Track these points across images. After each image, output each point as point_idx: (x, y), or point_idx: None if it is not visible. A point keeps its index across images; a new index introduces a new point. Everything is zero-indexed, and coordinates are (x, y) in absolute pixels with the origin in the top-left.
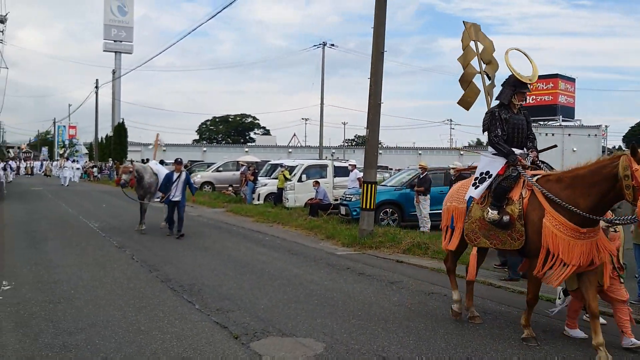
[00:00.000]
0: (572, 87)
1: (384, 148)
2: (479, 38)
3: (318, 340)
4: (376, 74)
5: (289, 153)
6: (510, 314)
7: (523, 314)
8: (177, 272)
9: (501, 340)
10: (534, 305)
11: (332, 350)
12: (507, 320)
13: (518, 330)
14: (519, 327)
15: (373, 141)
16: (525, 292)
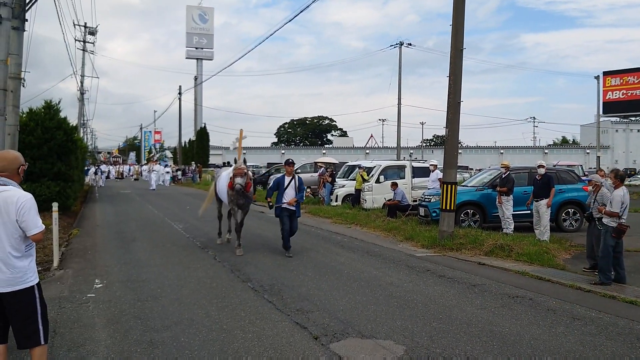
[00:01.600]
0: None
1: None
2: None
3: (398, 343)
4: (455, 72)
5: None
6: (601, 320)
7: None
8: (258, 272)
9: (591, 347)
10: None
11: (412, 353)
12: (598, 327)
13: (610, 337)
14: (610, 334)
15: (453, 141)
16: (617, 296)
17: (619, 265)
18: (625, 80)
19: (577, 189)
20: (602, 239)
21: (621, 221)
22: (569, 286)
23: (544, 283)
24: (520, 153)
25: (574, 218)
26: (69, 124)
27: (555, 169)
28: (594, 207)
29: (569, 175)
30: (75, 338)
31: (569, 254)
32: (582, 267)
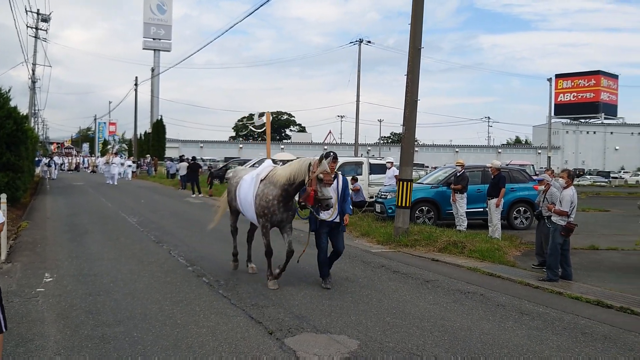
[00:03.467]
0: (614, 84)
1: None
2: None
3: (352, 338)
4: (413, 70)
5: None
6: (548, 315)
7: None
8: (214, 267)
9: (538, 342)
10: None
11: (366, 348)
12: (544, 322)
13: (556, 332)
14: (556, 329)
15: (409, 138)
16: (564, 292)
17: (566, 263)
18: (576, 83)
19: (528, 188)
20: (551, 236)
21: (570, 220)
22: (518, 282)
23: (495, 279)
24: (475, 152)
25: (525, 216)
26: (19, 113)
27: (507, 168)
28: (543, 206)
29: (520, 175)
30: (23, 333)
31: (519, 251)
32: (531, 264)
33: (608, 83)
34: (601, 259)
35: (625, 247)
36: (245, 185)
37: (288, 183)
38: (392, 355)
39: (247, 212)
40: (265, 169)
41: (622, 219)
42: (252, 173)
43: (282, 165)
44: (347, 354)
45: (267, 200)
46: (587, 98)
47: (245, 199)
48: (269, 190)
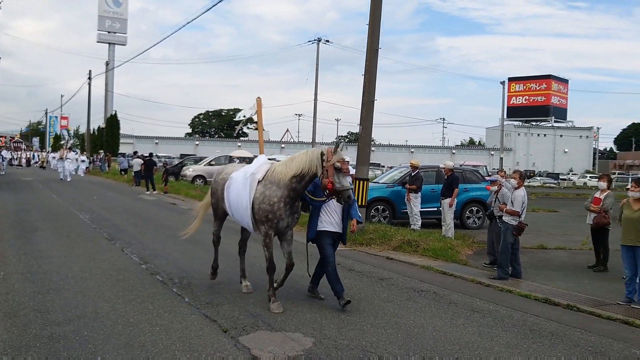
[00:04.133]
0: (565, 89)
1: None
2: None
3: (307, 335)
4: (370, 71)
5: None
6: (499, 312)
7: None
8: (168, 265)
9: (489, 338)
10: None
11: (320, 346)
12: (495, 319)
13: (506, 329)
14: (506, 326)
15: (366, 138)
16: (513, 290)
17: (516, 261)
18: (528, 86)
19: (480, 189)
20: (502, 236)
21: (521, 219)
22: (470, 280)
23: (448, 277)
24: (430, 152)
25: (477, 216)
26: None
27: (461, 168)
28: (495, 206)
29: (473, 175)
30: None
31: (471, 250)
32: (483, 262)
33: (558, 87)
34: (549, 258)
35: (572, 247)
36: (236, 185)
37: (297, 180)
38: (347, 352)
39: (240, 217)
40: (261, 166)
41: (570, 220)
42: (244, 171)
43: (279, 161)
44: (302, 352)
45: (271, 204)
46: (539, 101)
47: (237, 202)
48: (272, 192)
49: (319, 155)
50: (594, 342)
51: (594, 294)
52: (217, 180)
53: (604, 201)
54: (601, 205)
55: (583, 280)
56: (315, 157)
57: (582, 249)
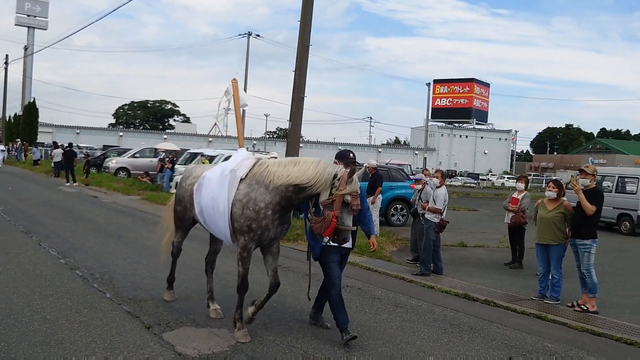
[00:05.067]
0: (486, 92)
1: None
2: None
3: (232, 331)
4: (301, 67)
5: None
6: (421, 307)
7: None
8: (88, 259)
9: (411, 332)
10: None
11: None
12: (417, 314)
13: (427, 323)
14: (428, 320)
15: (295, 134)
16: (435, 286)
17: (437, 258)
18: (452, 89)
19: (405, 187)
20: (425, 233)
21: (442, 217)
22: (393, 276)
23: (372, 273)
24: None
25: (401, 213)
26: None
27: (387, 167)
28: (418, 204)
29: (399, 174)
30: None
31: (395, 247)
32: (406, 259)
33: (480, 91)
34: (469, 255)
35: (490, 245)
36: (210, 186)
37: (294, 189)
38: (272, 348)
39: (214, 225)
40: (243, 162)
41: (489, 218)
42: (219, 168)
43: (274, 159)
44: (227, 348)
45: (256, 210)
46: (462, 104)
47: (211, 206)
48: (258, 195)
49: (331, 175)
50: (509, 335)
51: (509, 289)
52: (184, 187)
53: (522, 201)
54: (519, 205)
55: (500, 276)
56: (326, 175)
57: (500, 247)
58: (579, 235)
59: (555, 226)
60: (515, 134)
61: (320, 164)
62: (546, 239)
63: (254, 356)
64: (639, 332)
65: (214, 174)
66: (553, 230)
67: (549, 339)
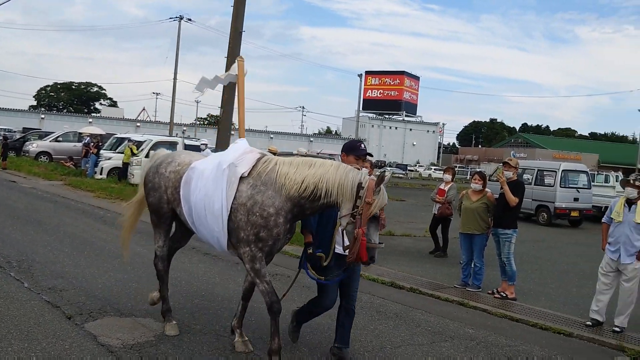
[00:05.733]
0: (416, 85)
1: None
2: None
3: (158, 321)
4: (233, 53)
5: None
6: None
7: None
8: (5, 247)
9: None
10: None
11: None
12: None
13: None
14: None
15: (226, 122)
16: (362, 274)
17: None
18: (383, 81)
19: None
20: None
21: None
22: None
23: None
24: (289, 139)
25: None
26: None
27: (318, 156)
28: None
29: None
30: None
31: None
32: None
33: (410, 83)
34: (396, 244)
35: (417, 234)
36: (202, 181)
37: (308, 198)
38: (200, 337)
39: (205, 229)
40: (244, 156)
41: (416, 208)
42: (213, 160)
43: (280, 157)
44: (153, 337)
45: (264, 215)
46: (392, 96)
47: (203, 206)
48: (266, 198)
49: (355, 184)
50: (433, 322)
51: (434, 277)
52: (163, 173)
53: (448, 193)
54: (445, 197)
55: (425, 265)
56: (350, 184)
57: (426, 236)
58: (500, 225)
59: (478, 216)
60: (443, 127)
61: (341, 169)
62: (470, 228)
63: (181, 345)
64: (553, 317)
65: (207, 166)
66: (477, 220)
67: (470, 325)
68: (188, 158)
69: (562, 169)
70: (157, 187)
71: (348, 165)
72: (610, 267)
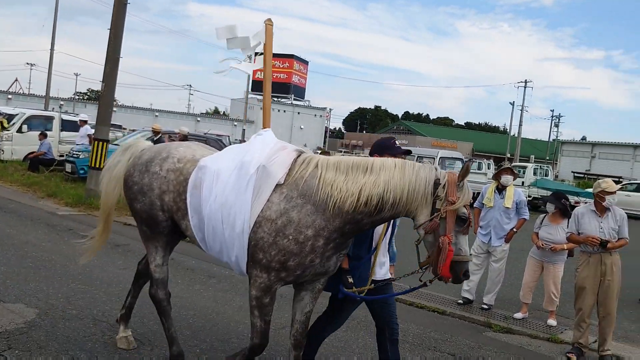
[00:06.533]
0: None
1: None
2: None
3: (30, 306)
4: (117, 25)
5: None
6: (234, 277)
7: None
8: None
9: (223, 303)
10: None
11: (45, 317)
12: (230, 284)
13: (239, 293)
14: (240, 290)
15: (108, 97)
16: None
17: None
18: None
19: None
20: None
21: None
22: None
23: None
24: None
25: None
26: None
27: (205, 137)
28: None
29: (217, 144)
30: None
31: None
32: None
33: (299, 67)
34: None
35: None
36: (219, 185)
37: (367, 212)
38: (75, 322)
39: (219, 246)
40: (277, 155)
41: None
42: (231, 156)
43: (330, 156)
44: (23, 324)
45: (299, 240)
46: (281, 79)
47: (220, 217)
48: (303, 216)
49: (430, 183)
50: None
51: None
52: (158, 172)
53: None
54: None
55: None
56: (422, 184)
57: None
58: None
59: None
60: (330, 112)
61: (408, 168)
62: None
63: (54, 332)
64: (428, 297)
65: (222, 165)
66: None
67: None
68: (189, 152)
69: (440, 156)
70: (147, 189)
71: (415, 163)
72: (481, 249)
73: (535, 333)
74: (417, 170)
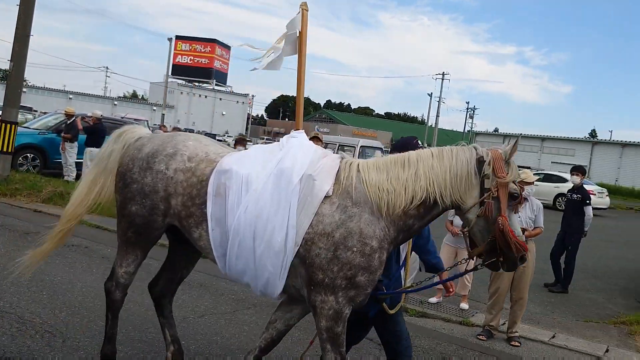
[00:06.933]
0: (227, 55)
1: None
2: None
3: None
4: (27, 1)
5: None
6: (151, 265)
7: None
8: None
9: (139, 292)
10: None
11: None
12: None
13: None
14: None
15: (17, 77)
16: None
17: None
18: (194, 47)
19: None
20: None
21: None
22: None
23: (102, 232)
24: (90, 101)
25: None
26: None
27: (122, 121)
28: None
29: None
30: None
31: None
32: None
33: (221, 52)
34: None
35: None
36: (251, 192)
37: (419, 211)
38: None
39: (250, 266)
40: (321, 162)
41: None
42: (257, 158)
43: (368, 159)
44: None
45: (366, 252)
46: (203, 63)
47: (252, 232)
48: (365, 225)
49: (472, 163)
50: (237, 290)
51: None
52: (164, 171)
53: None
54: None
55: None
56: (464, 166)
57: None
58: None
59: None
60: (252, 98)
61: (445, 152)
62: None
63: None
64: None
65: (252, 170)
66: None
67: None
68: (201, 150)
69: (361, 145)
70: (150, 191)
71: (450, 147)
72: None
73: (448, 317)
74: (455, 153)
